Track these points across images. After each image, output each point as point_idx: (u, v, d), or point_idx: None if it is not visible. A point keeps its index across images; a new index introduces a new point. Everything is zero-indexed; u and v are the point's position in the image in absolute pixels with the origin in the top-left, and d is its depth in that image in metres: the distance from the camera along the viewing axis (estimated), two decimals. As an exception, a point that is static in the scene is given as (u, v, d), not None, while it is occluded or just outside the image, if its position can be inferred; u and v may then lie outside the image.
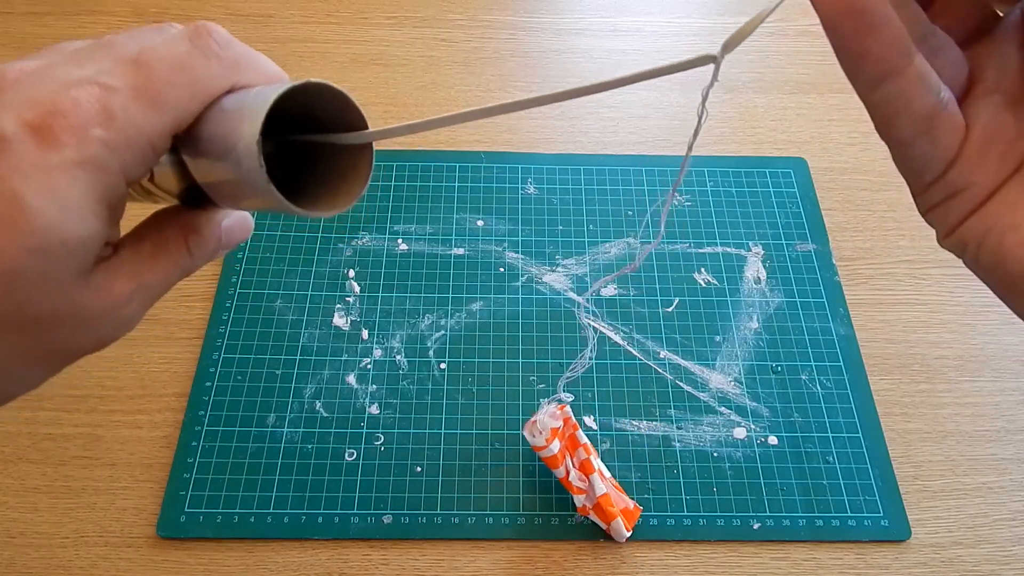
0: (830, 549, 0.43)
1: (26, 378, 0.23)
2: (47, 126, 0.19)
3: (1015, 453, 0.47)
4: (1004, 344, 0.51)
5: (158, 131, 0.21)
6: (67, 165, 0.20)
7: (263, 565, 0.42)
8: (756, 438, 0.47)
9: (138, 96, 0.21)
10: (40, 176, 0.19)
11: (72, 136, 0.20)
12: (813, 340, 0.51)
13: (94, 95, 0.20)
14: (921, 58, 0.19)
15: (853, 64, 0.19)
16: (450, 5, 0.70)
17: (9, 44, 0.65)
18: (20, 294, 0.20)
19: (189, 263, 0.25)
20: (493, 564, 0.43)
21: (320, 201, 0.25)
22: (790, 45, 0.68)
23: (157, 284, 0.24)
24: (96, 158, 0.20)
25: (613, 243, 0.55)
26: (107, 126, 0.20)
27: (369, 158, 0.25)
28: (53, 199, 0.19)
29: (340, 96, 0.23)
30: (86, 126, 0.20)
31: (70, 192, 0.20)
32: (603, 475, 0.42)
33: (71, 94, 0.20)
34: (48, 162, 0.19)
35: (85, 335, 0.23)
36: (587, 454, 0.42)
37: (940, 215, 0.22)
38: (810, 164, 0.59)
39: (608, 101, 0.64)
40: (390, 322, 0.51)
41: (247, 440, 0.46)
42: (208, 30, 0.22)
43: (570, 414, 0.43)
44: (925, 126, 0.20)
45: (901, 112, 0.19)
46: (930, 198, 0.22)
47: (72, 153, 0.20)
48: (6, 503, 0.44)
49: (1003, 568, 0.43)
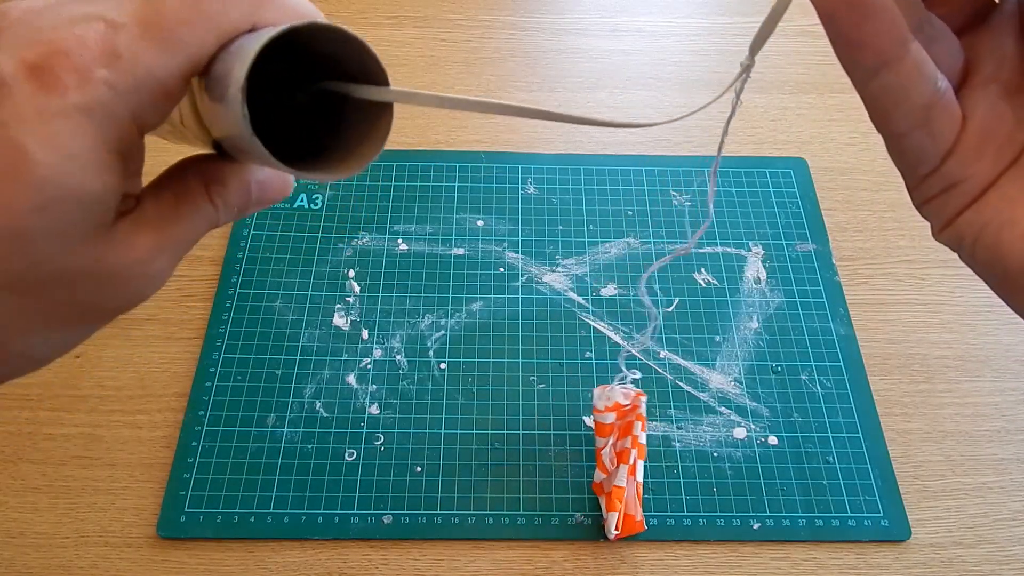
0: (830, 549, 0.43)
1: (55, 340, 0.21)
2: (48, 67, 0.18)
3: (1015, 453, 0.47)
4: (1004, 344, 0.51)
5: (171, 72, 0.19)
6: (70, 111, 0.18)
7: (263, 565, 0.42)
8: (756, 438, 0.47)
9: (146, 33, 0.19)
10: (42, 123, 0.18)
11: (75, 77, 0.18)
12: (813, 340, 0.51)
13: (99, 31, 0.18)
14: (919, 47, 0.19)
15: (849, 54, 0.19)
16: (450, 5, 0.70)
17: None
18: (31, 253, 0.18)
19: (214, 215, 0.23)
20: (493, 564, 0.43)
21: (329, 163, 0.23)
22: (790, 45, 0.68)
23: (183, 237, 0.22)
24: (102, 102, 0.18)
25: (613, 243, 0.55)
26: (113, 66, 0.18)
27: (388, 121, 0.22)
28: (58, 149, 0.18)
29: (358, 45, 0.21)
30: (90, 66, 0.18)
31: (76, 141, 0.18)
32: (635, 476, 0.42)
33: (74, 31, 0.18)
34: (50, 107, 0.18)
35: (113, 293, 0.21)
36: (632, 447, 0.42)
37: (936, 208, 0.21)
38: (810, 164, 0.59)
39: (608, 101, 0.64)
40: (390, 322, 0.51)
41: (247, 440, 0.46)
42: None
43: (641, 404, 0.42)
44: (922, 117, 0.19)
45: (898, 102, 0.19)
46: (926, 191, 0.21)
47: (76, 97, 0.18)
48: (6, 503, 0.44)
49: (1003, 568, 0.43)
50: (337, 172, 0.22)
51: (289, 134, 0.21)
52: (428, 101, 0.20)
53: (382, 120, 0.23)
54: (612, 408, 0.42)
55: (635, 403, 0.42)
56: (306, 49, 0.21)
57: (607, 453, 0.42)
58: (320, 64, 0.22)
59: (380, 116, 0.23)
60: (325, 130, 0.24)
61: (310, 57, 0.22)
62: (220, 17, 0.20)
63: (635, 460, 0.42)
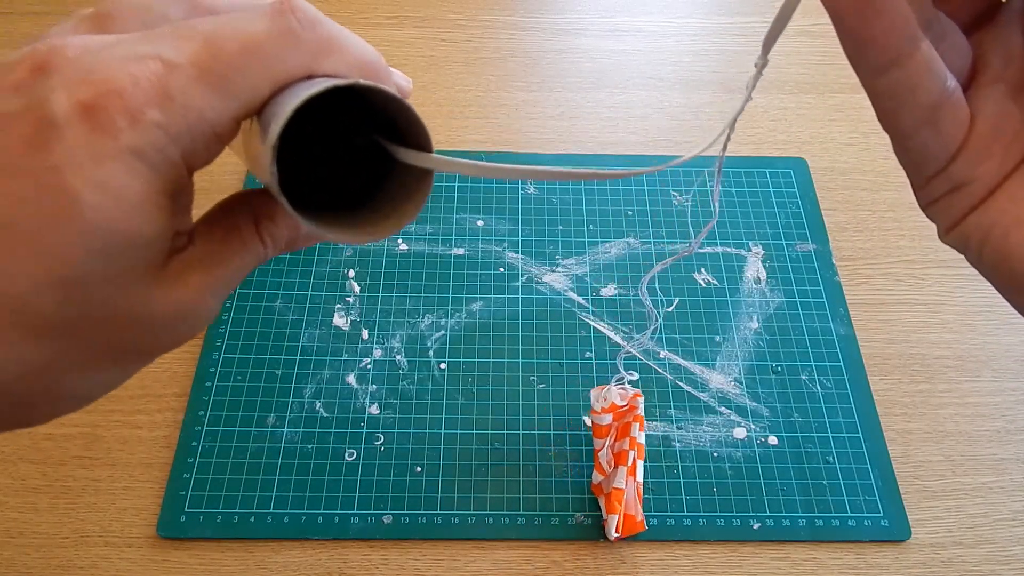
0: (830, 549, 0.43)
1: (100, 380, 0.21)
2: (101, 107, 0.17)
3: (1015, 453, 0.47)
4: (1004, 344, 0.51)
5: (223, 117, 0.19)
6: (123, 153, 0.17)
7: (263, 565, 0.42)
8: (756, 438, 0.47)
9: (201, 76, 0.18)
10: (95, 167, 0.17)
11: (127, 118, 0.17)
12: (813, 340, 0.51)
13: (154, 71, 0.18)
14: (928, 44, 0.18)
15: (858, 50, 0.18)
16: (450, 5, 0.70)
17: (9, 44, 0.65)
18: (83, 299, 0.18)
19: (263, 252, 0.23)
20: (493, 564, 0.43)
21: (360, 220, 0.22)
22: (790, 45, 0.68)
23: (232, 275, 0.22)
24: (154, 145, 0.18)
25: (613, 243, 0.55)
26: (165, 108, 0.18)
27: (427, 184, 0.22)
28: (110, 193, 0.17)
29: (403, 108, 0.20)
30: (142, 108, 0.17)
31: (129, 185, 0.18)
32: (635, 477, 0.42)
33: (129, 70, 0.18)
34: (103, 150, 0.17)
35: (162, 333, 0.21)
36: (631, 448, 0.42)
37: (942, 210, 0.21)
38: (810, 164, 0.59)
39: (608, 101, 0.64)
40: (390, 322, 0.51)
41: (247, 440, 0.46)
42: (292, 6, 0.19)
43: (638, 405, 0.42)
44: (929, 116, 0.19)
45: (906, 101, 0.19)
46: (931, 192, 0.21)
47: (128, 139, 0.17)
48: (6, 503, 0.44)
49: (1003, 568, 0.43)
50: (370, 234, 0.22)
51: (326, 177, 0.21)
52: (468, 170, 0.20)
53: (422, 182, 0.22)
54: (608, 409, 0.42)
55: (632, 404, 0.42)
56: (355, 95, 0.21)
57: (604, 455, 0.42)
58: (368, 111, 0.22)
59: (420, 178, 0.22)
60: (360, 179, 0.24)
61: (358, 103, 0.22)
62: (278, 65, 0.19)
63: (634, 461, 0.42)
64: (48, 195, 0.17)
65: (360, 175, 0.24)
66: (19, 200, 0.17)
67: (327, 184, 0.22)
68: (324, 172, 0.22)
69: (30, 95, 0.18)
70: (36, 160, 0.17)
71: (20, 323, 0.18)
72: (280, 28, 0.19)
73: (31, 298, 0.18)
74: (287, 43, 0.19)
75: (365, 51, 0.21)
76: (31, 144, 0.17)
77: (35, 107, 0.17)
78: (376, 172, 0.24)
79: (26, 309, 0.18)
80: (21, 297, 0.18)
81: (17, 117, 0.18)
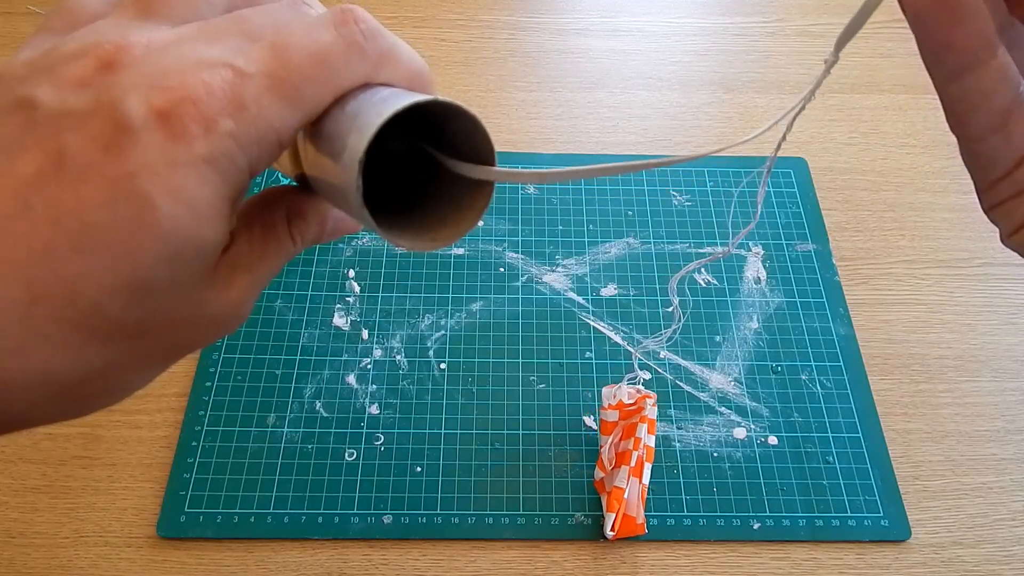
0: (830, 549, 0.43)
1: (146, 377, 0.22)
2: (176, 115, 0.17)
3: (1015, 453, 0.47)
4: (1004, 344, 0.51)
5: (289, 126, 0.19)
6: (196, 161, 0.17)
7: (263, 565, 0.42)
8: (756, 438, 0.47)
9: (274, 87, 0.18)
10: (170, 174, 0.17)
11: (201, 127, 0.17)
12: (813, 340, 0.51)
13: (227, 80, 0.18)
14: (1004, 51, 0.19)
15: (936, 55, 0.18)
16: (450, 5, 0.70)
17: (9, 44, 0.65)
18: (150, 303, 0.18)
19: (292, 249, 0.23)
20: (493, 564, 0.43)
21: (423, 229, 0.22)
22: (790, 45, 0.68)
23: (268, 274, 0.22)
24: (226, 154, 0.18)
25: (613, 243, 0.55)
26: (238, 117, 0.18)
27: (487, 194, 0.22)
28: (184, 202, 0.17)
29: (470, 120, 0.21)
30: (216, 116, 0.18)
31: (201, 193, 0.18)
32: (640, 479, 0.42)
33: (203, 77, 0.18)
34: (177, 158, 0.17)
35: (208, 332, 0.21)
36: (635, 449, 0.41)
37: (1006, 213, 0.21)
38: (810, 164, 0.59)
39: (608, 101, 0.64)
40: (390, 322, 0.51)
41: (247, 440, 0.46)
42: (355, 16, 0.19)
43: (647, 406, 0.42)
44: (1000, 121, 0.19)
45: (978, 106, 0.19)
46: (996, 196, 0.21)
47: (202, 148, 0.17)
48: (6, 503, 0.44)
49: (1003, 568, 0.43)
50: (432, 241, 0.22)
51: (382, 183, 0.21)
52: (531, 179, 0.20)
53: (482, 193, 0.22)
54: (615, 407, 0.42)
55: (640, 404, 0.42)
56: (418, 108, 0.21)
57: (606, 452, 0.42)
58: (425, 121, 0.22)
59: (480, 189, 0.22)
60: (416, 187, 0.24)
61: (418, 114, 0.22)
62: (342, 74, 0.19)
63: (639, 462, 0.42)
64: (124, 201, 0.17)
65: (391, 179, 0.24)
66: (94, 205, 0.17)
67: (379, 183, 0.22)
68: (376, 173, 0.22)
69: (99, 94, 0.18)
70: (111, 164, 0.17)
71: (87, 326, 0.18)
72: (347, 40, 0.19)
73: (102, 303, 0.18)
74: (353, 55, 0.19)
75: (416, 60, 0.21)
76: (106, 147, 0.17)
77: (107, 108, 0.17)
78: (406, 175, 0.24)
79: (95, 313, 0.18)
80: (92, 301, 0.18)
81: (88, 116, 0.17)
